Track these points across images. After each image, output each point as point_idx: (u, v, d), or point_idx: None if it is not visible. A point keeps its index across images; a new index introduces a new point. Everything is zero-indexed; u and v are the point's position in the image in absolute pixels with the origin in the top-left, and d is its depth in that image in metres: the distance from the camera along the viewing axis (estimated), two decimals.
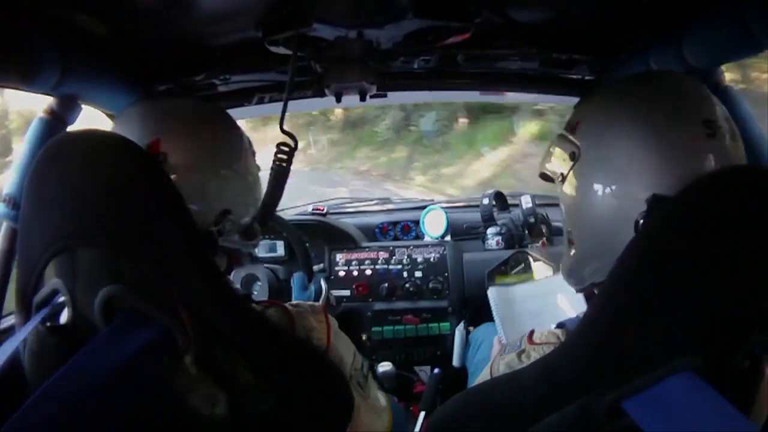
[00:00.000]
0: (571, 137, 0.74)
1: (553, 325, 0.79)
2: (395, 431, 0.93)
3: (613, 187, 0.67)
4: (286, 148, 0.85)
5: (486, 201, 1.88)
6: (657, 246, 0.55)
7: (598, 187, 0.69)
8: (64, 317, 0.62)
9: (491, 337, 1.49)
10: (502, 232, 1.85)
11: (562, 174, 0.76)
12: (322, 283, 1.71)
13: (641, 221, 0.62)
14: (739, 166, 0.64)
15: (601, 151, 0.69)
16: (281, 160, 0.86)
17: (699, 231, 0.54)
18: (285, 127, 0.88)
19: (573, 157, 0.73)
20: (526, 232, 1.81)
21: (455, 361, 1.65)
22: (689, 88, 0.69)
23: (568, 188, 0.75)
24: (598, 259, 0.72)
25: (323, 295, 1.69)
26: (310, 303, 0.83)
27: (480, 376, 0.83)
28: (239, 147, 0.82)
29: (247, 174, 0.83)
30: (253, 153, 0.86)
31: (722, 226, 0.54)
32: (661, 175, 0.63)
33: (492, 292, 1.53)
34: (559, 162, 0.77)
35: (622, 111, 0.68)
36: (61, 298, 0.62)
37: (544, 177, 0.83)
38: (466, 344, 1.64)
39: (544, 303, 1.45)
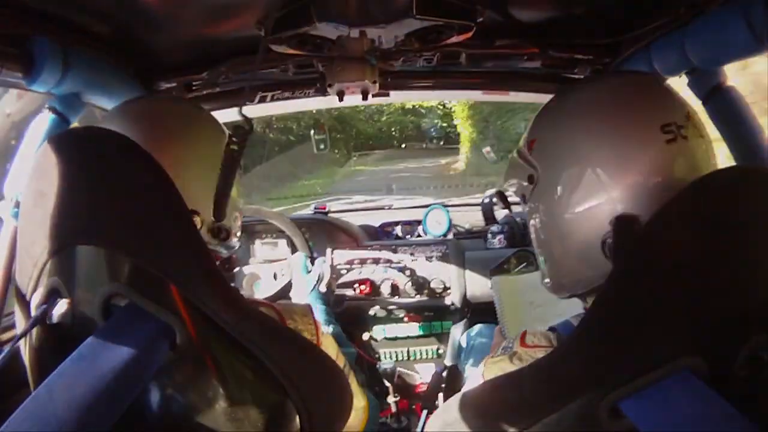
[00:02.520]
0: (528, 157, 0.71)
1: (546, 327, 0.79)
2: (368, 428, 0.96)
3: (577, 210, 0.64)
4: (240, 132, 0.83)
5: (487, 200, 1.88)
6: (656, 248, 0.55)
7: (560, 211, 0.66)
8: (63, 316, 0.62)
9: (486, 339, 1.48)
10: (504, 230, 1.85)
11: (523, 195, 0.73)
12: (325, 269, 1.71)
13: (608, 241, 0.61)
14: (737, 167, 0.63)
15: (558, 172, 0.66)
16: (233, 145, 0.84)
17: (697, 232, 0.54)
18: None
19: (531, 180, 0.70)
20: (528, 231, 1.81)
21: (448, 360, 1.65)
22: (644, 90, 0.66)
23: (531, 211, 0.73)
24: (571, 275, 0.70)
25: (325, 280, 1.70)
26: (298, 304, 0.84)
27: (471, 377, 0.83)
28: (211, 148, 0.82)
29: (217, 174, 0.82)
30: (231, 151, 0.84)
31: (721, 226, 0.54)
32: (624, 190, 0.61)
33: (495, 281, 1.50)
34: (518, 183, 0.74)
35: (574, 126, 0.66)
36: (61, 297, 0.62)
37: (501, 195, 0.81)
38: (460, 344, 1.64)
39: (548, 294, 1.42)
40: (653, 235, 0.56)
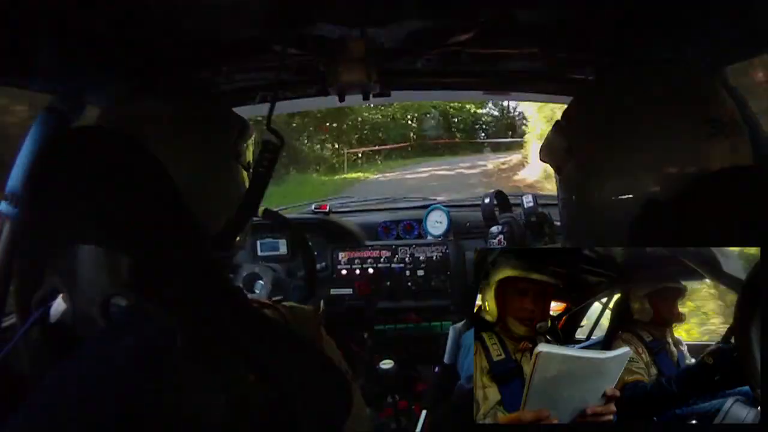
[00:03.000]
0: (567, 129, 0.71)
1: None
2: None
3: (610, 188, 0.64)
4: (271, 147, 0.79)
5: (487, 200, 1.87)
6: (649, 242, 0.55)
7: (591, 189, 0.66)
8: (63, 316, 0.62)
9: None
10: (504, 230, 1.84)
11: (558, 167, 0.74)
12: (321, 305, 1.71)
13: (635, 225, 0.60)
14: (738, 166, 0.62)
15: (597, 149, 0.66)
16: (264, 160, 0.79)
17: (700, 232, 0.54)
18: None
19: (568, 153, 0.70)
20: (528, 231, 1.81)
21: (447, 360, 1.65)
22: (694, 82, 0.66)
23: (564, 183, 0.73)
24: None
25: (325, 292, 1.70)
26: (302, 306, 0.84)
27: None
28: (215, 157, 0.77)
29: (218, 185, 0.77)
30: (237, 156, 0.79)
31: (724, 226, 0.54)
32: (658, 176, 0.61)
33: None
34: (555, 154, 0.74)
35: (620, 106, 0.65)
36: (61, 297, 0.62)
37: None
38: (458, 345, 1.63)
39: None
40: (655, 233, 0.56)
